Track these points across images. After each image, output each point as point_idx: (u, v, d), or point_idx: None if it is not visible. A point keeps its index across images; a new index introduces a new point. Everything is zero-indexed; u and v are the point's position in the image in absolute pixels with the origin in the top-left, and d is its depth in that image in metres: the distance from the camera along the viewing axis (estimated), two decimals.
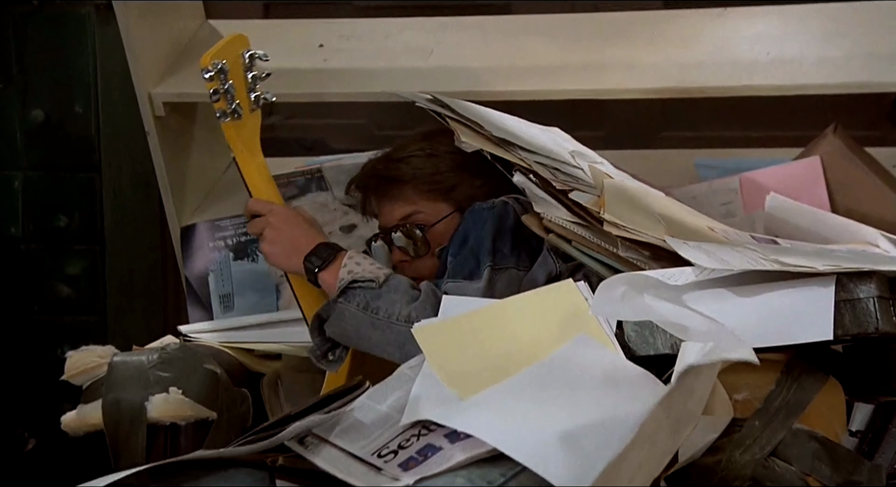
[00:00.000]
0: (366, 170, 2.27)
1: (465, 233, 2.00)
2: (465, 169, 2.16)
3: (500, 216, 1.99)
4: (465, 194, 2.15)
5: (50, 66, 3.10)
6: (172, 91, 2.64)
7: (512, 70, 2.65)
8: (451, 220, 2.15)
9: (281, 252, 1.99)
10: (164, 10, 2.70)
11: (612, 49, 2.65)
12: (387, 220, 2.21)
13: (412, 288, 1.90)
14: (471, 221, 2.00)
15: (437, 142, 2.20)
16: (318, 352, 1.93)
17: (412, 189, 2.18)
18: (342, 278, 1.90)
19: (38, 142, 3.13)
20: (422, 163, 2.18)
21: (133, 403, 1.93)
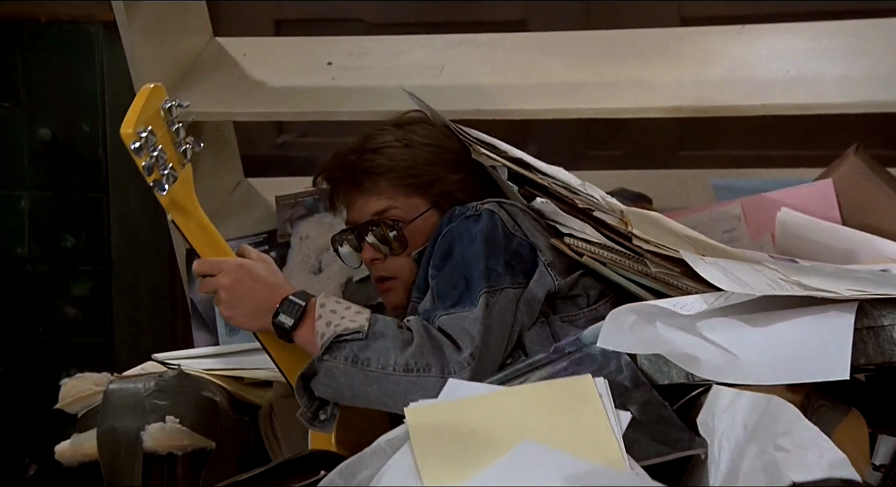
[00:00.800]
0: (336, 161, 2.09)
1: (448, 245, 1.88)
2: (444, 163, 2.05)
3: (489, 231, 1.87)
4: (444, 190, 2.03)
5: (57, 85, 3.07)
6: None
7: (525, 88, 2.62)
8: (428, 218, 2.03)
9: (242, 314, 1.80)
10: (169, 28, 2.68)
11: (628, 67, 2.62)
12: (358, 215, 2.07)
13: (401, 329, 1.76)
14: (455, 234, 1.88)
15: (411, 131, 2.07)
16: (308, 414, 1.78)
17: (387, 182, 2.03)
18: (322, 333, 1.75)
19: (45, 161, 3.10)
20: (398, 155, 2.04)
21: (129, 432, 1.88)
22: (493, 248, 1.85)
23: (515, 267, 1.85)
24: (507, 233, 1.88)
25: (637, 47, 2.69)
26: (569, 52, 2.71)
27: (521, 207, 1.97)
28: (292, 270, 2.55)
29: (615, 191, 2.64)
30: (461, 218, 1.90)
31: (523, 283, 1.85)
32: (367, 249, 2.05)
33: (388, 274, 2.04)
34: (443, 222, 1.94)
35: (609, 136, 3.21)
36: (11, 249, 3.13)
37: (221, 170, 2.87)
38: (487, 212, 1.89)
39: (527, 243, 1.89)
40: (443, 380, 1.68)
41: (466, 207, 1.92)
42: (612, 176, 2.83)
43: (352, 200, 2.08)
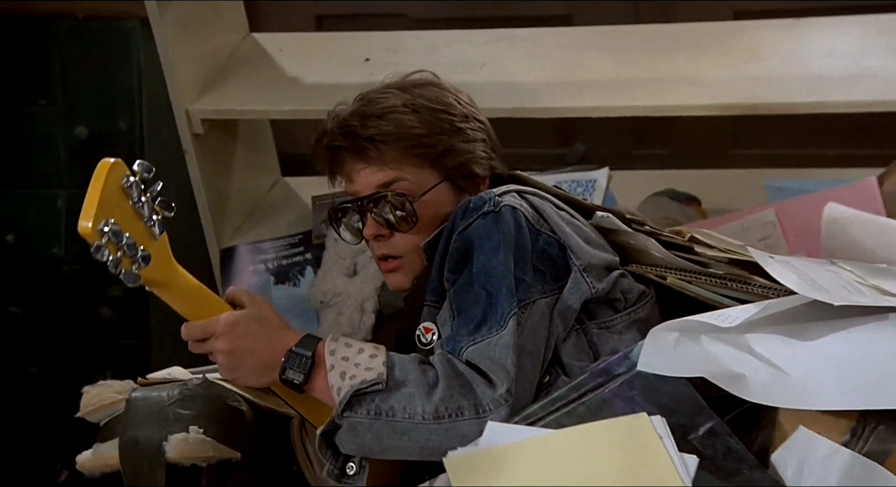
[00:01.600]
0: (336, 127, 1.87)
1: (465, 247, 1.70)
2: (456, 131, 1.86)
3: (513, 233, 1.69)
4: (457, 161, 1.85)
5: (94, 82, 3.01)
6: (212, 107, 2.59)
7: (568, 85, 2.56)
8: (439, 192, 1.85)
9: (247, 375, 1.67)
10: (204, 24, 2.64)
11: (678, 62, 2.57)
12: (361, 187, 1.86)
13: (424, 366, 1.61)
14: (474, 236, 1.70)
15: (420, 94, 1.87)
16: (335, 471, 1.64)
17: (394, 151, 1.83)
18: (338, 387, 1.61)
19: (82, 159, 3.03)
20: (407, 121, 1.83)
21: (151, 443, 1.81)
22: (519, 254, 1.69)
23: (545, 271, 1.71)
24: (532, 230, 1.72)
25: (686, 42, 2.64)
26: (615, 47, 2.66)
27: (544, 195, 1.82)
28: (327, 272, 2.51)
29: (663, 191, 2.59)
30: (478, 213, 1.73)
31: (555, 288, 1.72)
32: (370, 224, 1.86)
33: (393, 253, 1.86)
34: (456, 214, 1.76)
35: (658, 134, 3.16)
36: (48, 249, 3.08)
37: (257, 169, 2.82)
38: (509, 210, 1.72)
39: (554, 240, 1.74)
40: (478, 421, 1.56)
41: (482, 199, 1.74)
42: (660, 175, 2.77)
43: (354, 170, 1.87)
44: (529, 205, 1.75)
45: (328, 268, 2.51)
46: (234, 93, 2.58)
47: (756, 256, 1.68)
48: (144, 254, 1.58)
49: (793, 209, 2.21)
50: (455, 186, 1.86)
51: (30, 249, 3.07)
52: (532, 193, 1.79)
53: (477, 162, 1.87)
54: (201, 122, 2.56)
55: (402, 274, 1.87)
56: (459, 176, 1.86)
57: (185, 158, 2.59)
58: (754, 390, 1.41)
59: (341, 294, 2.45)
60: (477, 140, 1.88)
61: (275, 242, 2.61)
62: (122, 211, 1.55)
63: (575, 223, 1.79)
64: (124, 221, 1.55)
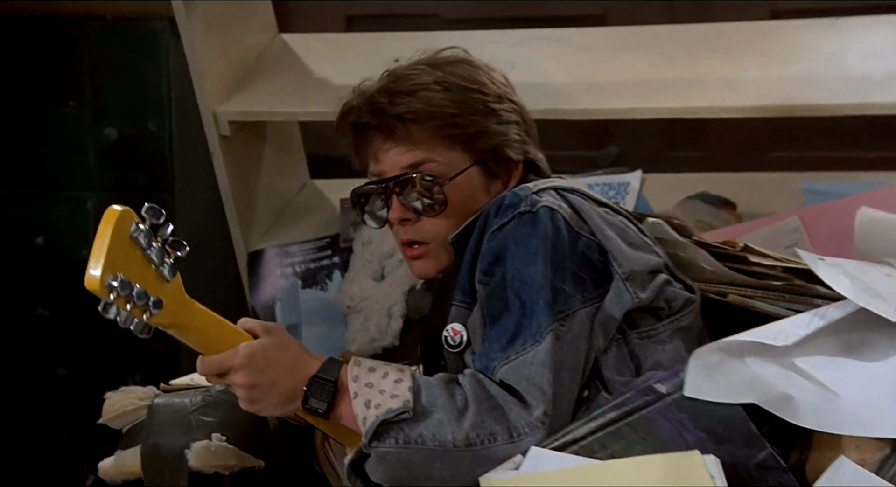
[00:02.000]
0: (363, 103, 1.77)
1: (499, 250, 1.62)
2: (489, 112, 1.75)
3: (552, 239, 1.60)
4: (490, 144, 1.75)
5: (123, 83, 3.00)
6: (239, 109, 2.58)
7: (601, 86, 2.54)
8: (469, 175, 1.75)
9: (269, 407, 1.61)
10: (232, 24, 2.64)
11: (713, 63, 2.54)
12: (387, 167, 1.76)
13: (451, 387, 1.55)
14: (510, 240, 1.61)
15: (451, 72, 1.77)
16: None
17: (424, 131, 1.73)
18: (363, 417, 1.55)
19: (111, 161, 3.03)
20: (438, 99, 1.73)
21: (173, 450, 1.78)
22: (558, 261, 1.60)
23: (585, 277, 1.62)
24: (571, 233, 1.64)
25: (722, 42, 2.61)
26: (648, 47, 2.63)
27: (584, 192, 1.73)
28: (354, 276, 2.49)
29: (697, 194, 2.56)
30: (514, 213, 1.64)
31: (595, 296, 1.63)
32: (396, 207, 1.75)
33: (420, 239, 1.76)
34: (489, 211, 1.68)
35: (692, 136, 3.12)
36: (77, 251, 3.02)
37: (286, 172, 2.80)
38: (546, 211, 1.63)
39: (595, 243, 1.65)
40: (513, 446, 1.50)
41: (518, 196, 1.66)
42: (694, 178, 2.74)
43: (381, 149, 1.76)
44: (568, 205, 1.67)
45: (356, 272, 2.49)
46: (262, 95, 2.56)
47: (806, 259, 1.63)
48: (156, 301, 1.52)
49: (819, 215, 2.16)
50: (486, 171, 1.77)
51: (58, 251, 3.06)
52: (571, 190, 1.71)
53: (510, 145, 1.77)
54: (228, 124, 2.55)
55: (429, 261, 1.78)
56: (491, 159, 1.77)
57: (213, 160, 2.57)
58: (805, 415, 1.34)
59: (369, 298, 2.43)
60: (511, 122, 1.78)
61: (302, 245, 2.60)
62: (132, 261, 1.50)
63: (616, 222, 1.71)
64: (134, 271, 1.49)
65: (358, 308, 2.44)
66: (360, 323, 2.41)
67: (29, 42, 3.01)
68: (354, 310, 2.44)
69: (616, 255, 1.65)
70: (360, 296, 2.44)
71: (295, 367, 1.60)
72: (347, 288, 2.48)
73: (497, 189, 1.77)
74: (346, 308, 2.46)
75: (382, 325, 2.39)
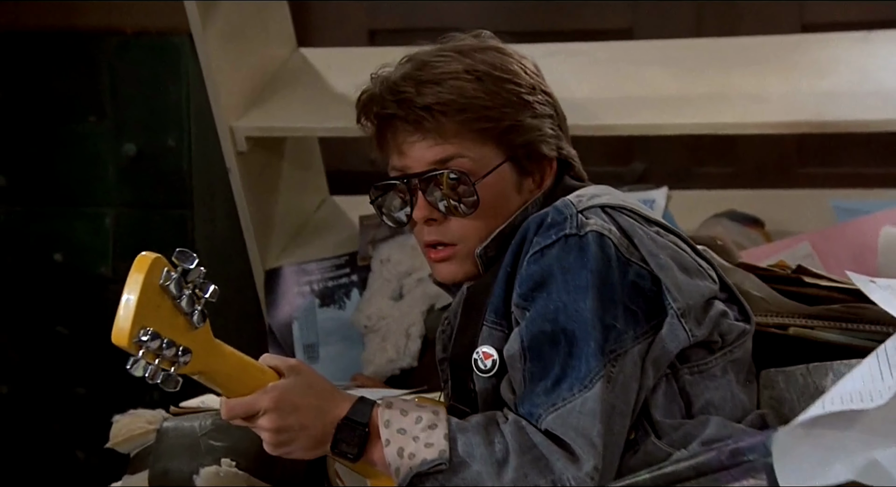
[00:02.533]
0: (387, 92, 1.62)
1: (542, 276, 1.50)
2: (524, 105, 1.62)
3: (601, 269, 1.48)
4: (524, 140, 1.62)
5: (143, 98, 2.99)
6: (256, 124, 2.56)
7: (627, 101, 2.50)
8: (501, 174, 1.62)
9: (297, 450, 1.51)
10: (250, 38, 2.61)
11: (741, 78, 2.49)
12: (412, 162, 1.62)
13: (489, 441, 1.45)
14: (555, 268, 1.49)
15: (482, 61, 1.63)
16: None
17: (454, 124, 1.59)
18: (396, 467, 1.46)
19: (130, 177, 3.03)
20: (469, 90, 1.59)
21: (182, 475, 1.75)
22: (609, 295, 1.48)
23: (636, 311, 1.50)
24: (621, 260, 1.51)
25: (751, 56, 2.56)
26: (675, 61, 2.58)
27: (631, 208, 1.60)
28: (372, 295, 2.45)
29: (724, 212, 2.51)
30: (558, 234, 1.52)
31: (648, 330, 1.50)
32: (422, 206, 1.62)
33: (447, 240, 1.62)
34: (528, 227, 1.56)
35: (720, 151, 3.07)
36: (95, 268, 3.06)
37: (305, 188, 2.77)
38: (595, 237, 1.51)
39: (646, 272, 1.52)
40: None
41: (562, 214, 1.54)
42: (722, 196, 2.68)
43: (406, 142, 1.62)
44: (618, 228, 1.54)
45: (373, 291, 2.45)
46: (280, 110, 2.53)
47: (858, 282, 1.56)
48: (185, 350, 1.45)
49: (830, 237, 2.09)
50: (519, 168, 1.64)
51: (77, 268, 3.06)
52: (618, 208, 1.57)
53: (545, 140, 1.64)
54: (245, 140, 2.52)
55: (454, 265, 1.65)
56: (524, 155, 1.63)
57: (229, 177, 2.54)
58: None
59: (387, 318, 2.38)
60: (545, 115, 1.65)
61: (320, 263, 2.56)
62: (162, 311, 1.43)
63: (668, 245, 1.57)
64: (163, 322, 1.43)
65: (375, 328, 2.40)
66: (377, 344, 2.37)
67: (48, 57, 3.02)
68: (372, 330, 2.40)
69: (671, 288, 1.52)
70: (378, 316, 2.40)
71: (324, 409, 1.50)
72: (365, 307, 2.44)
73: (529, 188, 1.66)
74: (364, 328, 2.42)
75: (400, 346, 2.35)
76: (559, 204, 1.57)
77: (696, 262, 1.59)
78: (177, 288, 1.43)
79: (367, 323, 2.41)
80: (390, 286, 2.43)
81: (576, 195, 1.60)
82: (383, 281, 2.44)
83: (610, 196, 1.61)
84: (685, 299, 1.52)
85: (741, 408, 1.57)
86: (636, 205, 1.61)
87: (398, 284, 2.43)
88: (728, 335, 1.57)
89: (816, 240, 2.09)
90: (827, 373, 1.58)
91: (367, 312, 2.42)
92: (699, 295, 1.55)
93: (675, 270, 1.54)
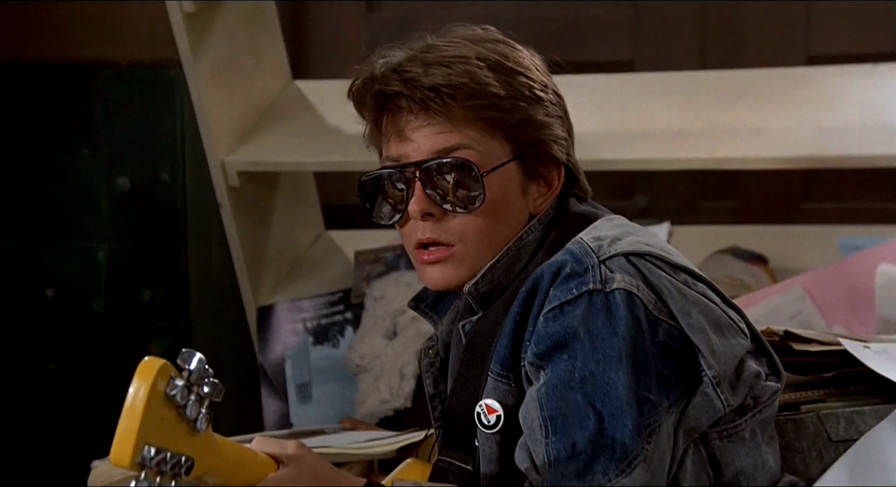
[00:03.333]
0: (390, 72, 1.47)
1: (563, 336, 1.37)
2: (536, 102, 1.50)
3: (633, 336, 1.35)
4: (532, 137, 1.50)
5: (136, 132, 2.97)
6: (249, 159, 2.51)
7: (627, 135, 2.44)
8: (506, 172, 1.49)
9: None
10: (242, 70, 2.57)
11: (744, 111, 2.45)
12: (414, 149, 1.49)
13: None
14: (580, 332, 1.36)
15: (494, 50, 1.50)
16: None
17: (464, 110, 1.46)
18: None
19: (124, 211, 3.01)
20: (482, 77, 1.46)
21: None
22: (642, 363, 1.36)
23: (668, 375, 1.37)
24: (650, 320, 1.38)
25: (754, 89, 2.52)
26: (677, 94, 2.54)
27: (657, 254, 1.45)
28: (365, 334, 2.42)
29: (727, 249, 2.47)
30: (580, 290, 1.38)
31: (680, 397, 1.38)
32: (420, 198, 1.47)
33: (443, 240, 1.48)
34: (542, 274, 1.41)
35: (724, 185, 3.03)
36: (87, 304, 3.03)
37: (300, 223, 2.73)
38: (623, 296, 1.37)
39: (677, 331, 1.39)
40: None
41: (582, 263, 1.39)
42: (725, 231, 2.64)
43: (409, 126, 1.48)
44: (645, 282, 1.40)
45: (367, 330, 2.41)
46: (273, 144, 2.49)
47: (850, 348, 1.51)
48: (187, 459, 1.36)
49: (821, 280, 2.03)
50: (526, 169, 1.51)
51: (69, 304, 3.03)
52: (643, 255, 1.42)
53: (556, 141, 1.52)
54: (238, 174, 2.48)
55: (449, 268, 1.50)
56: (533, 155, 1.51)
57: (221, 212, 2.50)
58: None
59: (380, 357, 2.34)
60: (555, 116, 1.54)
61: (314, 300, 2.52)
62: (165, 422, 1.34)
63: (699, 298, 1.43)
64: (167, 435, 1.34)
65: (368, 367, 2.35)
66: (370, 384, 2.32)
67: (42, 89, 3.00)
68: (364, 370, 2.35)
69: (705, 353, 1.39)
70: (371, 355, 2.35)
71: None
72: (358, 346, 2.39)
73: (535, 194, 1.53)
74: (356, 367, 2.38)
75: (394, 386, 2.30)
76: (576, 249, 1.43)
77: (727, 315, 1.46)
78: (182, 396, 1.33)
79: (359, 362, 2.36)
80: (384, 324, 2.39)
81: (593, 237, 1.45)
82: (377, 319, 2.39)
83: (632, 238, 1.46)
84: (720, 365, 1.40)
85: (770, 475, 1.46)
86: (660, 248, 1.47)
87: (392, 322, 2.39)
88: (761, 396, 1.45)
89: (810, 282, 2.01)
90: (839, 420, 1.53)
91: (360, 351, 2.38)
92: (733, 356, 1.43)
93: (709, 331, 1.42)
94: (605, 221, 1.52)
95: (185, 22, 2.32)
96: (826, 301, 2.02)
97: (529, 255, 1.51)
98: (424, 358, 1.64)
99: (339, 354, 2.46)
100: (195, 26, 2.36)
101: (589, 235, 1.46)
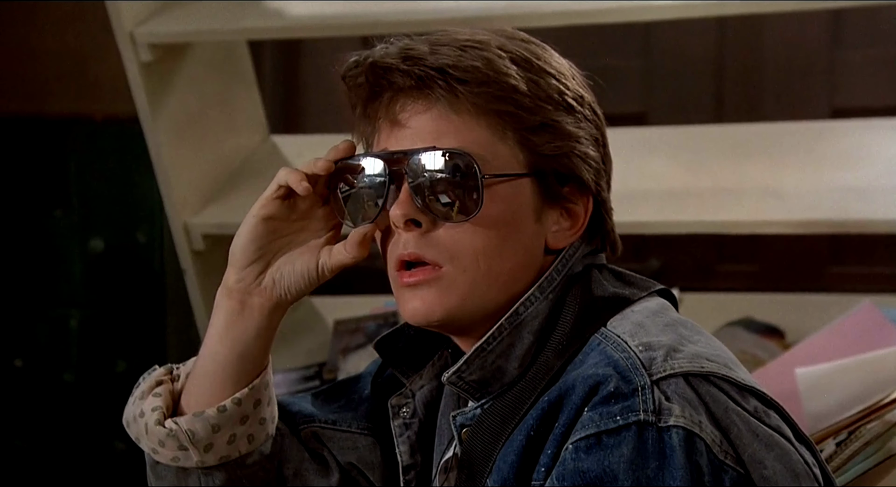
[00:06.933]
0: (392, 49, 1.23)
1: (598, 475, 1.12)
2: (566, 109, 1.22)
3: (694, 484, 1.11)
4: (554, 148, 1.21)
5: (111, 190, 2.93)
6: (214, 221, 2.37)
7: (636, 195, 2.24)
8: (517, 187, 1.21)
9: None
10: (211, 125, 2.42)
11: (761, 169, 2.31)
12: (405, 137, 1.21)
13: None
14: (620, 469, 1.11)
15: (518, 46, 1.24)
16: None
17: (474, 97, 1.19)
18: None
19: (98, 275, 2.95)
20: (501, 66, 1.20)
21: None
22: None
23: None
24: (714, 464, 1.12)
25: (772, 145, 2.38)
26: (689, 150, 2.40)
27: (724, 375, 1.16)
28: None
29: (740, 320, 2.29)
30: (626, 418, 1.12)
31: None
32: (405, 199, 1.20)
33: (429, 257, 1.20)
34: (573, 386, 1.16)
35: (743, 247, 2.94)
36: (59, 375, 2.96)
37: None
38: (681, 436, 1.12)
39: (743, 477, 1.13)
40: None
41: (629, 381, 1.14)
42: (740, 299, 2.46)
43: (404, 110, 1.21)
44: (709, 417, 1.13)
45: None
46: (243, 205, 2.25)
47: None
48: None
49: (774, 376, 1.78)
50: (543, 191, 1.22)
51: (39, 375, 2.97)
52: (707, 376, 1.15)
53: (586, 161, 1.23)
54: (203, 238, 2.33)
55: (434, 294, 1.21)
56: (554, 174, 1.22)
57: (185, 278, 2.36)
58: None
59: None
60: (590, 134, 1.24)
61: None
62: None
63: (772, 435, 1.17)
64: None
65: None
66: None
67: (13, 145, 2.96)
68: None
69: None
70: None
71: None
72: None
73: (553, 226, 1.24)
74: None
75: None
76: (620, 360, 1.16)
77: (804, 460, 1.18)
78: None
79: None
80: None
81: (641, 344, 1.17)
82: None
83: (691, 348, 1.17)
84: None
85: None
86: (724, 362, 1.18)
87: None
88: None
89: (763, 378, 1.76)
90: None
91: None
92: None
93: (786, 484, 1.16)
94: (650, 315, 1.22)
95: (141, 72, 2.17)
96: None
97: (534, 334, 1.22)
98: (395, 418, 1.32)
99: None
100: (153, 77, 2.22)
101: (634, 338, 1.18)
